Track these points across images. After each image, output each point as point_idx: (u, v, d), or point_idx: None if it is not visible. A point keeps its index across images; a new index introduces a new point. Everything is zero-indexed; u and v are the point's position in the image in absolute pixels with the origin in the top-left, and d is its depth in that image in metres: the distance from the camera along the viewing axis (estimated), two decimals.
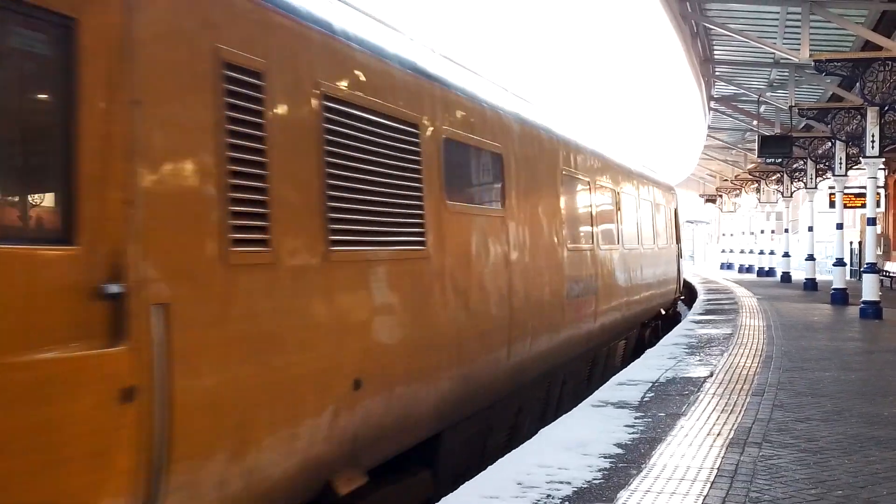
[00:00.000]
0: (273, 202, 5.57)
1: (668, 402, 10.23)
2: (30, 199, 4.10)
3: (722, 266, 63.23)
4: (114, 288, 4.23)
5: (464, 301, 8.56)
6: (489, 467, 7.37)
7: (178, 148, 4.77)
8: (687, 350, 15.29)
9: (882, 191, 35.35)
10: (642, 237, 19.16)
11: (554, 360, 12.03)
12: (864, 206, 25.51)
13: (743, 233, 57.90)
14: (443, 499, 6.50)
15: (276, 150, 5.63)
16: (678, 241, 27.24)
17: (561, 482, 6.82)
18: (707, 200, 67.25)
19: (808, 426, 8.92)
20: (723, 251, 67.72)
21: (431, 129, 8.04)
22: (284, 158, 5.73)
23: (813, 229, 33.83)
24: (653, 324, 22.26)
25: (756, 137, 30.94)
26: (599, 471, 7.16)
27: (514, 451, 8.02)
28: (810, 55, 18.49)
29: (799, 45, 19.08)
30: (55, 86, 4.13)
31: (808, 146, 30.54)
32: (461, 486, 6.78)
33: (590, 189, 14.46)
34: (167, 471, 4.53)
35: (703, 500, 6.32)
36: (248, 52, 5.40)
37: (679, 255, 27.03)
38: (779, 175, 40.61)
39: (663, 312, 23.71)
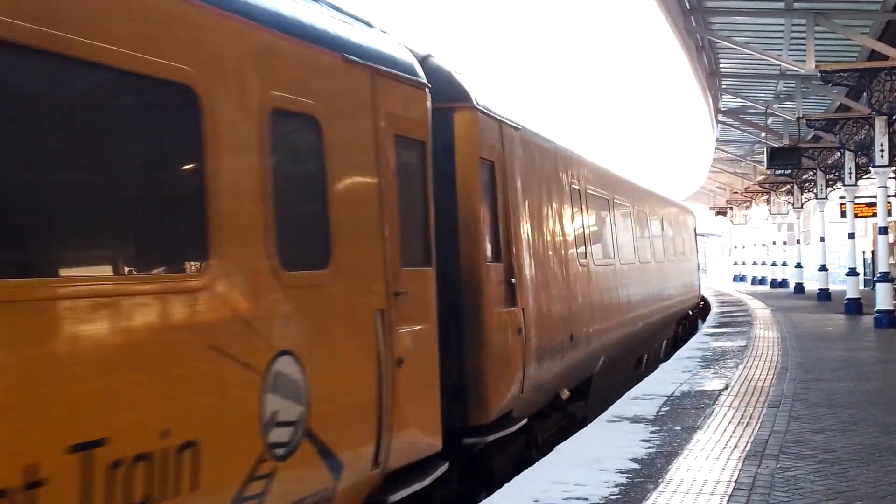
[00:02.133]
0: None
1: (683, 416, 10.20)
2: None
3: (735, 278, 63.06)
4: None
5: None
6: (505, 485, 7.38)
7: None
8: (701, 363, 15.25)
9: (893, 199, 35.17)
10: None
11: None
12: (875, 215, 25.45)
13: (755, 244, 57.76)
14: None
15: None
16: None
17: (578, 498, 6.81)
18: (718, 213, 67.14)
19: (825, 437, 8.89)
20: (735, 263, 67.54)
21: None
22: None
23: (825, 239, 33.74)
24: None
25: (764, 149, 30.91)
26: (616, 486, 7.15)
27: (529, 468, 8.02)
28: (816, 66, 18.51)
29: (805, 56, 19.10)
30: None
31: (817, 157, 30.51)
32: None
33: None
34: None
35: None
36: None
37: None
38: (789, 186, 40.58)
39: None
